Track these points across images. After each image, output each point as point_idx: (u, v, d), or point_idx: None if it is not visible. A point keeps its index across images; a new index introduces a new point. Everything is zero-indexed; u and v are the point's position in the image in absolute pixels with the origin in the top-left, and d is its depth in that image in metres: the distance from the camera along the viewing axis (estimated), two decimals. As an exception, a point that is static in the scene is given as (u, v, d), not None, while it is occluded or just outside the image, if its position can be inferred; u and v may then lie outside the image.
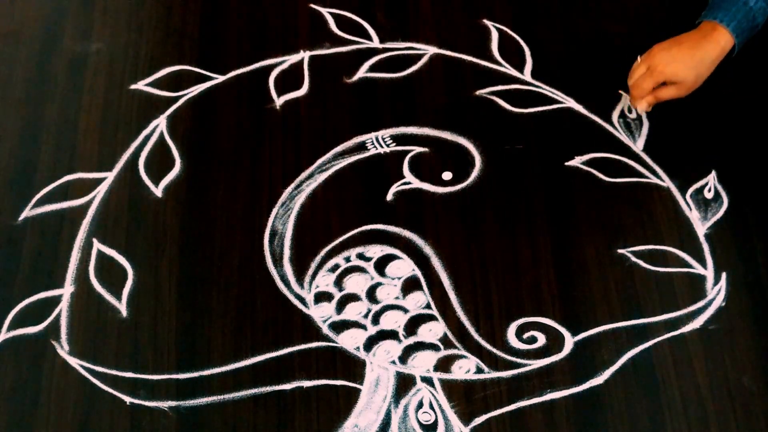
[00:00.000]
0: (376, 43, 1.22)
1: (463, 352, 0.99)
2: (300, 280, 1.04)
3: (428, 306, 1.02)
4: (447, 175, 1.11)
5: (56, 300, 1.03)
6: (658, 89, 1.05)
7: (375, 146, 1.13)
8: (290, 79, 1.19)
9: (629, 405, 0.95)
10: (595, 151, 1.12)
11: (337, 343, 1.00)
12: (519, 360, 0.98)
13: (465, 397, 0.96)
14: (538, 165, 1.11)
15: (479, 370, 0.98)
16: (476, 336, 1.00)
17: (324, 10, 1.26)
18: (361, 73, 1.19)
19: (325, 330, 1.01)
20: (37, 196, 1.10)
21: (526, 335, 1.00)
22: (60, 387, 0.98)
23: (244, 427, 0.95)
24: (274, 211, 1.09)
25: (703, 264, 1.03)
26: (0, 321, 1.02)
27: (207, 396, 0.97)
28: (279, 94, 1.18)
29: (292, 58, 1.21)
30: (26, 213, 1.09)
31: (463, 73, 1.19)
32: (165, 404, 0.96)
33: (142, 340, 1.00)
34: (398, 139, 1.14)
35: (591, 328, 1.00)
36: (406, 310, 1.02)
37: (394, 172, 1.11)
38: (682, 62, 1.03)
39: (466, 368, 0.98)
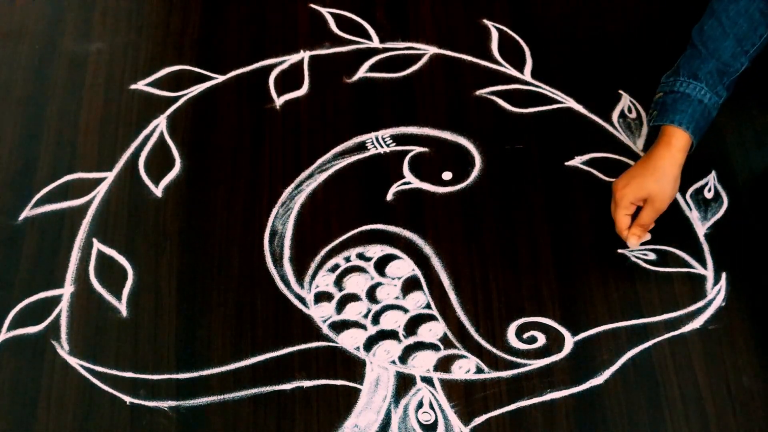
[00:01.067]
0: (376, 43, 1.22)
1: (463, 352, 0.99)
2: (300, 280, 1.04)
3: (428, 306, 1.02)
4: (447, 175, 1.11)
5: (56, 300, 1.03)
6: (638, 217, 1.00)
7: (375, 146, 1.13)
8: (290, 79, 1.19)
9: (629, 405, 0.95)
10: (595, 151, 1.12)
11: (337, 343, 1.00)
12: (519, 360, 0.98)
13: (465, 397, 0.96)
14: (538, 165, 1.11)
15: (479, 370, 0.98)
16: (476, 336, 1.00)
17: (324, 10, 1.26)
18: (361, 73, 1.19)
19: (325, 330, 1.01)
20: (37, 196, 1.10)
21: (526, 335, 1.00)
22: (60, 387, 0.98)
23: (244, 427, 0.95)
24: (274, 211, 1.09)
25: (703, 264, 1.03)
26: (0, 321, 1.02)
27: (207, 396, 0.97)
28: (279, 94, 1.18)
29: (292, 58, 1.21)
30: (26, 213, 1.09)
31: (463, 73, 1.19)
32: (165, 404, 0.96)
33: (142, 340, 1.00)
34: (398, 139, 1.14)
35: (591, 328, 1.00)
36: (406, 310, 1.02)
37: (394, 172, 1.11)
38: (641, 178, 0.99)
39: (466, 368, 0.98)
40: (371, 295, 1.03)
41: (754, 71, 1.17)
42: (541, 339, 0.99)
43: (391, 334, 1.00)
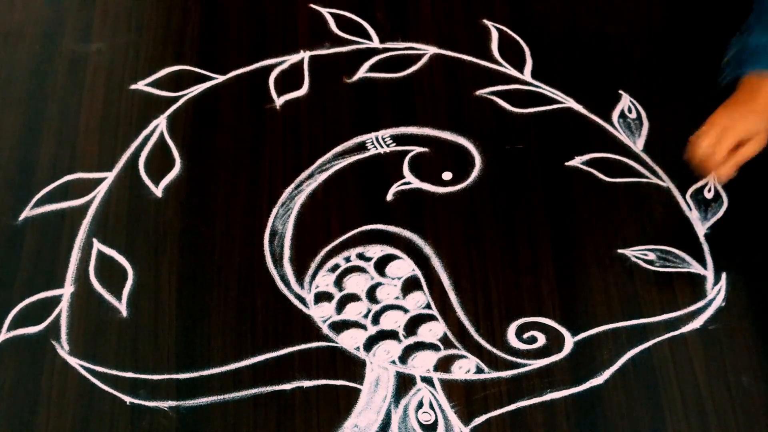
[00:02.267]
0: (376, 43, 1.22)
1: (463, 352, 0.99)
2: (300, 280, 1.04)
3: (428, 306, 1.02)
4: (447, 175, 1.11)
5: (56, 300, 1.03)
6: (737, 151, 0.98)
7: (375, 146, 1.13)
8: (290, 79, 1.19)
9: (629, 405, 0.95)
10: (595, 151, 1.12)
11: (337, 343, 1.00)
12: (519, 360, 0.98)
13: (465, 397, 0.96)
14: (538, 165, 1.11)
15: (479, 370, 0.98)
16: (476, 336, 1.00)
17: (324, 10, 1.26)
18: (361, 73, 1.19)
19: (325, 330, 1.01)
20: (37, 196, 1.10)
21: (526, 335, 1.00)
22: (60, 387, 0.98)
23: (244, 427, 0.95)
24: (274, 211, 1.09)
25: (703, 264, 1.03)
26: (0, 321, 1.02)
27: (207, 396, 0.97)
28: (279, 94, 1.18)
29: (292, 58, 1.21)
30: (26, 213, 1.09)
31: (463, 73, 1.19)
32: (165, 404, 0.96)
33: (142, 340, 1.00)
34: (398, 139, 1.14)
35: (591, 328, 1.00)
36: (406, 310, 1.02)
37: (394, 172, 1.11)
38: (750, 116, 0.97)
39: (466, 368, 0.98)
40: (371, 295, 1.03)
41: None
42: (541, 339, 0.99)
43: (391, 334, 1.00)
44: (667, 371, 0.97)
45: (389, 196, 1.09)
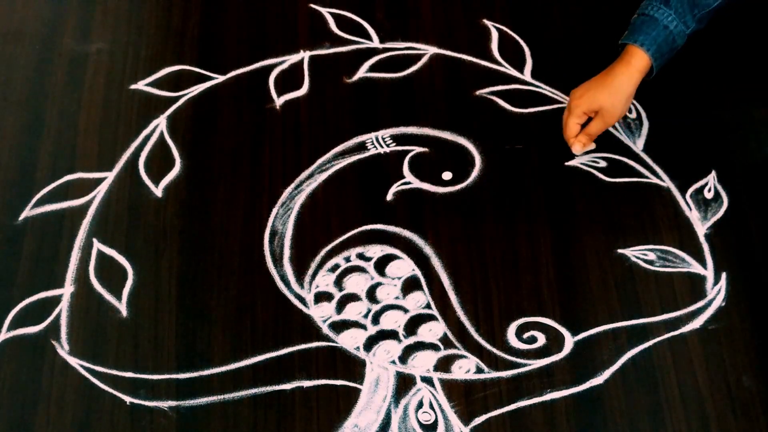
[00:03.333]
0: (376, 43, 1.22)
1: (463, 352, 0.99)
2: (300, 280, 1.04)
3: (428, 306, 1.02)
4: (447, 175, 1.11)
5: (56, 300, 1.03)
6: (587, 126, 1.06)
7: (375, 146, 1.13)
8: (290, 79, 1.19)
9: (629, 405, 0.95)
10: (595, 151, 1.12)
11: (337, 343, 1.00)
12: (519, 360, 0.98)
13: (465, 397, 0.96)
14: (538, 165, 1.11)
15: (479, 370, 0.98)
16: (476, 336, 1.00)
17: (324, 10, 1.26)
18: (361, 73, 1.19)
19: (325, 330, 1.01)
20: (37, 196, 1.10)
21: (526, 335, 1.00)
22: (60, 387, 0.98)
23: (244, 427, 0.95)
24: (274, 211, 1.09)
25: (703, 264, 1.03)
26: (0, 321, 1.02)
27: (207, 396, 0.97)
28: (279, 94, 1.18)
29: (292, 58, 1.21)
30: (26, 213, 1.09)
31: (463, 73, 1.19)
32: (165, 404, 0.96)
33: (142, 340, 1.00)
34: (398, 139, 1.14)
35: (591, 328, 1.00)
36: (406, 310, 1.02)
37: (394, 172, 1.11)
38: (596, 90, 1.04)
39: (466, 368, 0.98)
40: (371, 295, 1.03)
41: (755, 71, 1.17)
42: (541, 339, 0.99)
43: (391, 334, 1.00)
44: (667, 371, 0.97)
45: (389, 196, 1.09)
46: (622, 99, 1.04)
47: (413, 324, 1.01)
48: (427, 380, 0.98)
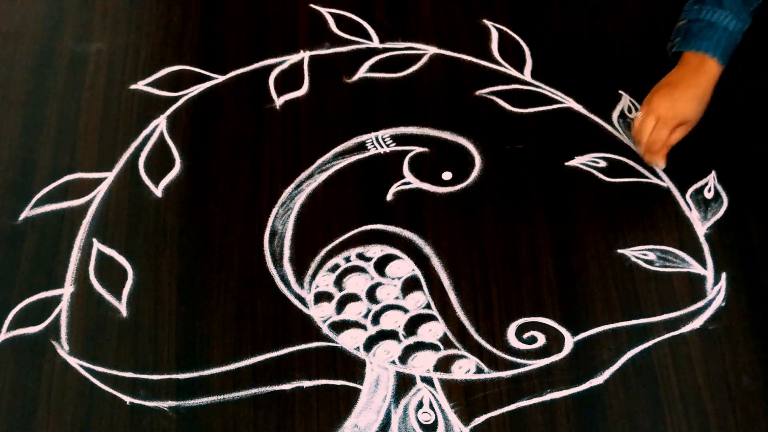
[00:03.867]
0: (376, 43, 1.22)
1: (463, 352, 0.99)
2: (300, 280, 1.04)
3: (428, 306, 1.02)
4: (447, 175, 1.11)
5: (56, 300, 1.03)
6: (672, 137, 1.04)
7: (375, 146, 1.13)
8: (290, 79, 1.19)
9: (629, 405, 0.95)
10: (595, 151, 1.12)
11: (337, 343, 1.00)
12: (519, 360, 0.98)
13: (465, 397, 0.96)
14: (538, 165, 1.11)
15: (479, 370, 0.98)
16: (476, 336, 1.00)
17: (324, 10, 1.26)
18: (361, 73, 1.19)
19: (325, 330, 1.01)
20: (37, 196, 1.10)
21: (526, 335, 1.00)
22: (60, 387, 0.98)
23: (244, 427, 0.95)
24: (274, 211, 1.09)
25: (703, 264, 1.03)
26: (0, 321, 1.02)
27: (207, 396, 0.97)
28: (279, 94, 1.18)
29: (292, 58, 1.21)
30: (26, 213, 1.09)
31: (463, 73, 1.19)
32: (165, 404, 0.96)
33: (142, 340, 1.00)
34: (398, 139, 1.14)
35: (591, 328, 1.00)
36: (406, 310, 1.02)
37: (394, 172, 1.11)
38: (687, 103, 1.02)
39: (466, 368, 0.98)
40: (371, 295, 1.03)
41: (755, 71, 1.17)
42: (541, 339, 0.99)
43: (391, 334, 1.00)
44: (667, 371, 0.97)
45: (389, 196, 1.09)
46: (706, 106, 1.03)
47: (413, 324, 1.01)
48: (427, 380, 0.98)
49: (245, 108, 1.17)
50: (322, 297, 1.03)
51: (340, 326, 1.01)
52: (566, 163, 1.11)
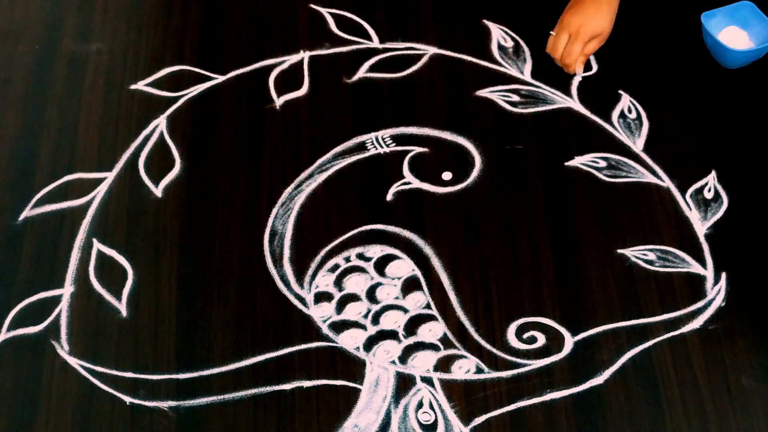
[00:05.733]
0: (376, 43, 1.22)
1: (463, 352, 0.99)
2: (300, 280, 1.04)
3: (428, 306, 1.02)
4: (447, 175, 1.11)
5: (56, 300, 1.03)
6: (587, 48, 1.14)
7: (375, 146, 1.13)
8: (290, 79, 1.19)
9: (629, 405, 0.95)
10: (595, 151, 1.12)
11: (337, 343, 1.00)
12: (519, 360, 0.98)
13: (465, 397, 0.96)
14: (538, 165, 1.11)
15: (479, 370, 0.98)
16: (476, 336, 1.00)
17: (324, 10, 1.26)
18: (361, 73, 1.19)
19: (325, 330, 1.01)
20: (37, 196, 1.10)
21: (526, 335, 1.00)
22: (60, 387, 0.98)
23: (244, 427, 0.95)
24: (274, 211, 1.09)
25: (703, 264, 1.03)
26: (0, 321, 1.02)
27: (207, 396, 0.97)
28: (279, 94, 1.18)
29: (292, 58, 1.21)
30: (26, 213, 1.09)
31: (463, 73, 1.19)
32: (165, 404, 0.96)
33: (142, 340, 1.00)
34: (398, 139, 1.14)
35: (591, 328, 1.00)
36: (406, 310, 1.02)
37: (394, 172, 1.11)
38: (595, 16, 1.12)
39: (466, 368, 0.98)
40: (371, 295, 1.03)
41: (755, 71, 1.17)
42: (541, 339, 0.99)
43: (391, 334, 1.00)
44: (667, 371, 0.97)
45: (389, 196, 1.09)
46: (614, 17, 1.13)
47: (413, 324, 1.01)
48: (427, 380, 0.98)
49: (245, 108, 1.17)
50: (322, 297, 1.03)
51: (340, 326, 1.01)
52: (566, 163, 1.11)
